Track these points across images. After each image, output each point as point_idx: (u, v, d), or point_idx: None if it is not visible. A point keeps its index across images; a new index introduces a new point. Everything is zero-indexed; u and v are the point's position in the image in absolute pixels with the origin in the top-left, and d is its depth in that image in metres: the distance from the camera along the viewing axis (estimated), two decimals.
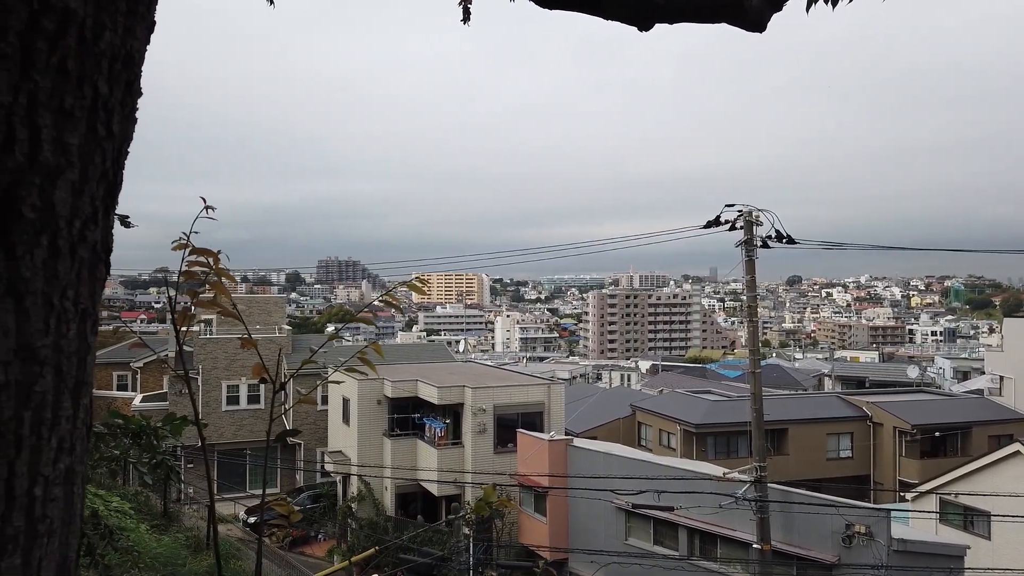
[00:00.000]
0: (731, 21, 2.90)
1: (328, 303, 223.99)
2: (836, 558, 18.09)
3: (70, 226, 1.00)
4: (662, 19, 2.78)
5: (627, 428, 40.17)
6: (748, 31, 3.01)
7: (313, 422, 37.47)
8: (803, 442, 36.67)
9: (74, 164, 0.99)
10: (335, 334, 6.38)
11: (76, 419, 1.05)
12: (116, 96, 1.07)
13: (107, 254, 1.12)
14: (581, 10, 2.71)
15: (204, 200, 1.76)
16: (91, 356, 1.08)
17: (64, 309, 1.00)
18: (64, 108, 0.97)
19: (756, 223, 19.39)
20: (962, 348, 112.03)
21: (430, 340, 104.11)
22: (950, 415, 38.19)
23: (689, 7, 2.74)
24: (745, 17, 2.89)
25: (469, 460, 28.08)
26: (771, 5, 2.98)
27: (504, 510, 2.82)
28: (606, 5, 2.68)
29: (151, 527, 13.44)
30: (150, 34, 1.16)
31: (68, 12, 0.96)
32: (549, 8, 2.66)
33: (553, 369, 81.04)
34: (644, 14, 2.72)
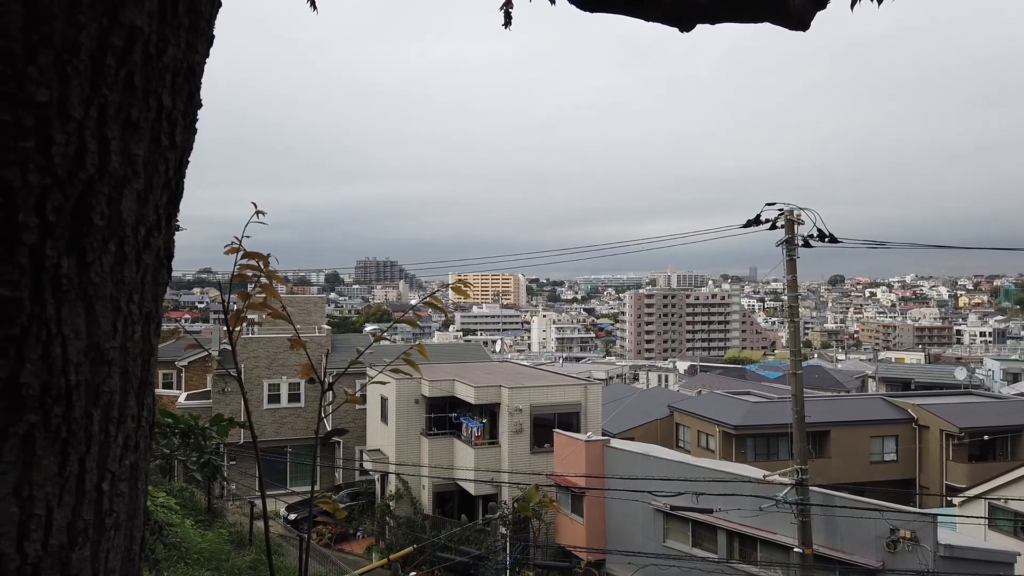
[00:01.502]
0: (774, 20, 2.87)
1: (366, 303, 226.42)
2: (880, 563, 17.72)
3: (136, 233, 1.04)
4: (704, 19, 2.76)
5: (665, 429, 39.87)
6: (792, 30, 2.99)
7: (352, 421, 37.91)
8: (846, 445, 35.97)
9: (139, 174, 1.04)
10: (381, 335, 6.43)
11: (141, 418, 1.09)
12: (179, 108, 1.11)
13: (169, 260, 1.17)
14: (623, 12, 2.71)
15: (255, 205, 1.81)
16: (154, 358, 1.13)
17: (130, 312, 1.04)
18: (131, 120, 1.01)
19: (797, 222, 19.09)
20: (1012, 349, 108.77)
21: (467, 340, 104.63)
22: (1000, 418, 37.10)
23: (732, 7, 2.73)
24: (789, 16, 2.86)
25: (506, 460, 28.14)
26: (814, 3, 2.94)
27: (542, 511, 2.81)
28: (648, 6, 2.68)
29: (196, 522, 13.76)
30: (210, 47, 1.20)
31: (135, 29, 1.00)
32: (591, 11, 2.67)
33: (589, 369, 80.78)
34: (686, 14, 2.71)
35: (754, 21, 2.85)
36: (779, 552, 19.37)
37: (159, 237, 1.11)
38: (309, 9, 2.57)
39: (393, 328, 19.60)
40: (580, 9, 2.64)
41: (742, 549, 20.64)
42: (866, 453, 36.67)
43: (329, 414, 1.89)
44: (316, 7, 3.06)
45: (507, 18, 2.48)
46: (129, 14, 0.99)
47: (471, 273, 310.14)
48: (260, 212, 1.82)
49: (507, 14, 2.47)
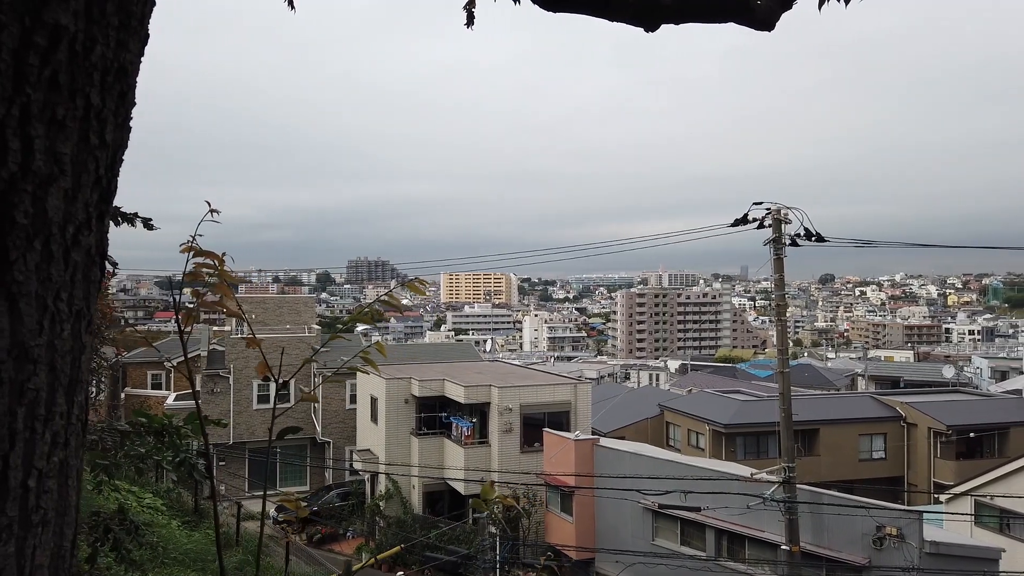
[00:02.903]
0: (740, 21, 2.90)
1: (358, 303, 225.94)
2: (866, 560, 17.82)
3: (63, 231, 1.05)
4: (668, 19, 2.78)
5: (655, 428, 39.94)
6: (757, 30, 3.01)
7: (342, 421, 37.86)
8: (835, 443, 36.14)
9: (67, 172, 1.04)
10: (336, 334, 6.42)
11: (71, 415, 1.10)
12: (109, 106, 1.11)
13: (102, 258, 1.17)
14: (588, 12, 2.73)
15: (209, 204, 1.81)
16: (86, 355, 1.13)
17: (58, 310, 1.05)
18: (56, 119, 1.02)
19: (784, 221, 19.16)
20: (1000, 347, 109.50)
21: (458, 340, 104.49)
22: (987, 416, 37.37)
23: (696, 7, 2.75)
24: (753, 17, 2.88)
25: (496, 459, 28.15)
26: (781, 4, 2.96)
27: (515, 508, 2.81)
28: (613, 6, 2.69)
29: (182, 523, 13.71)
30: (144, 47, 1.21)
31: (59, 28, 1.01)
32: (554, 11, 2.68)
33: (581, 369, 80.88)
34: (650, 15, 2.72)
35: (719, 21, 2.87)
36: (767, 550, 19.46)
37: (90, 235, 1.11)
38: (312, 13, 2.57)
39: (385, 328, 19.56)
40: (543, 9, 2.66)
41: (730, 547, 20.72)
42: (855, 451, 36.85)
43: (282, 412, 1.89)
44: (294, 6, 3.06)
45: (469, 18, 2.49)
46: (53, 13, 1.00)
47: (463, 273, 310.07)
48: (214, 211, 1.82)
49: (470, 14, 2.48)
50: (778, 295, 18.91)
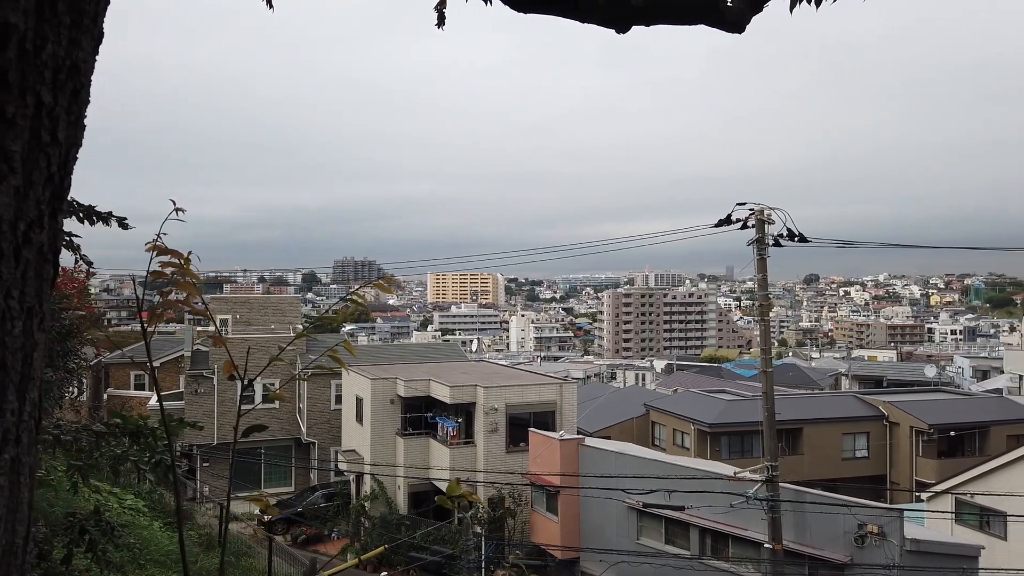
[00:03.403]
0: (710, 23, 2.93)
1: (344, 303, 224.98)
2: (848, 558, 17.98)
3: (14, 229, 1.05)
4: (639, 21, 2.80)
5: (641, 427, 40.08)
6: (728, 32, 3.04)
7: (327, 421, 37.72)
8: (818, 442, 36.42)
9: (17, 170, 1.05)
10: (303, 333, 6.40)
11: (22, 412, 1.10)
12: (61, 104, 1.12)
13: (55, 255, 1.17)
14: (558, 13, 2.74)
15: (174, 202, 1.81)
16: (39, 352, 1.14)
17: (8, 308, 1.05)
18: (5, 117, 1.02)
19: (768, 221, 19.29)
20: (982, 347, 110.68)
21: (445, 340, 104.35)
22: (968, 415, 37.78)
23: (665, 9, 2.77)
24: (723, 19, 2.91)
25: (481, 459, 28.15)
26: (751, 7, 3.00)
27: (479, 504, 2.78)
28: (582, 8, 2.71)
29: (164, 524, 13.63)
30: (98, 45, 1.21)
31: (8, 26, 1.01)
32: (524, 12, 2.70)
33: (567, 368, 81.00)
34: (620, 16, 2.75)
35: (689, 23, 2.89)
36: (750, 548, 19.58)
37: (41, 232, 1.11)
38: (307, 12, 2.58)
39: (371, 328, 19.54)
40: (514, 10, 2.67)
41: (714, 546, 20.83)
42: (838, 450, 37.14)
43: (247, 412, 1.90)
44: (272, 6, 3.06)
45: (440, 19, 2.50)
46: (2, 11, 1.00)
47: (449, 273, 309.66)
48: (179, 209, 1.82)
49: (440, 15, 2.49)
50: (761, 295, 19.02)
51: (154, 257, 1.77)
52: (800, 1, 3.24)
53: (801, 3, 3.26)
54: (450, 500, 2.16)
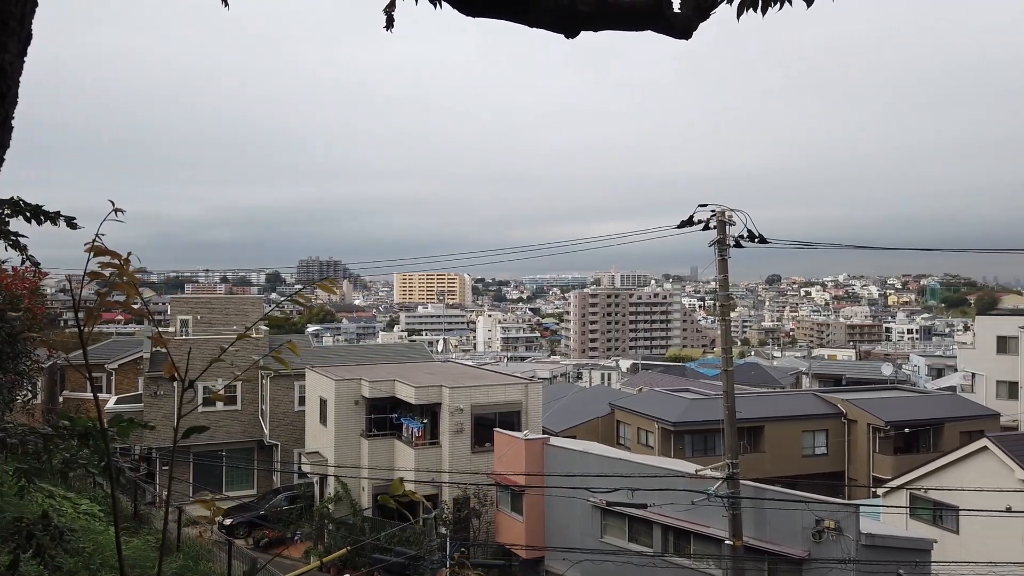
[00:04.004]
0: (657, 29, 2.99)
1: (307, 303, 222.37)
2: (806, 553, 18.34)
3: None
4: (587, 26, 2.85)
5: (606, 427, 40.38)
6: (675, 38, 3.11)
7: (290, 423, 37.32)
8: (779, 439, 37.05)
9: None
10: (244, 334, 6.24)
11: None
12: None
13: None
14: (508, 18, 2.78)
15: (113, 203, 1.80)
16: None
17: None
18: None
19: (729, 223, 19.58)
20: (937, 346, 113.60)
21: (411, 340, 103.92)
22: (922, 412, 38.74)
23: (612, 15, 2.82)
24: (671, 25, 2.97)
25: (446, 459, 28.11)
26: (697, 14, 3.07)
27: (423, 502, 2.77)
28: (531, 12, 2.75)
29: (121, 529, 13.35)
30: (26, 47, 1.20)
31: None
32: (473, 15, 2.73)
33: (534, 368, 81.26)
34: (568, 21, 2.79)
35: (637, 29, 2.95)
36: (712, 545, 19.86)
37: None
38: (272, 8, 2.56)
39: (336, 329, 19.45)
40: (463, 14, 2.70)
41: (676, 543, 21.08)
42: (798, 447, 37.81)
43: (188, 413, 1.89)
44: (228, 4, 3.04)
45: (389, 21, 2.51)
46: None
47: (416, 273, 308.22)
48: (118, 210, 1.81)
49: (389, 17, 2.51)
50: (722, 295, 19.30)
51: (92, 258, 1.76)
52: (747, 8, 3.33)
53: (748, 10, 3.36)
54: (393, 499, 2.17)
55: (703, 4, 3.03)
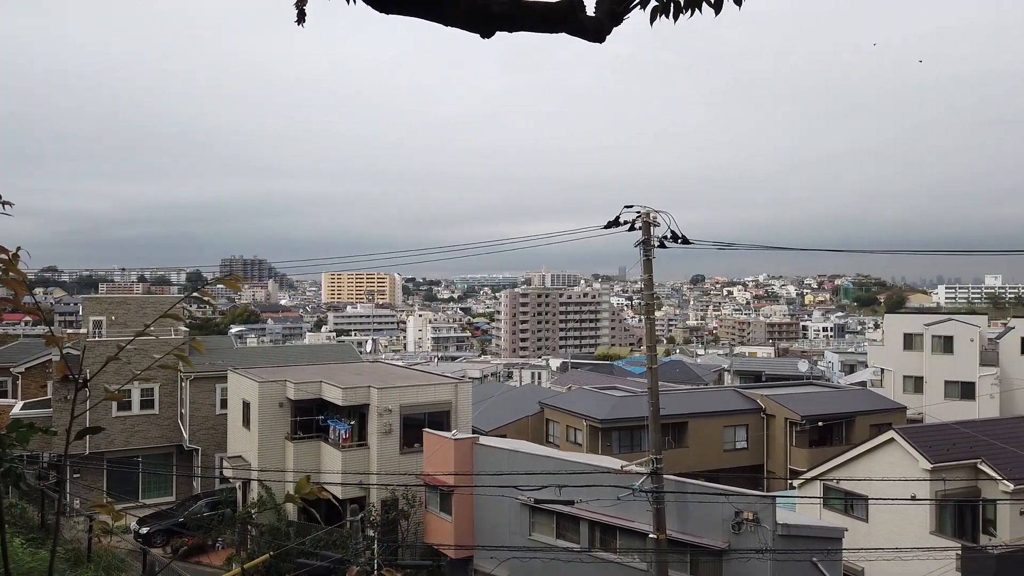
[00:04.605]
0: (570, 31, 3.05)
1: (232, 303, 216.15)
2: (726, 544, 18.93)
3: None
4: (501, 27, 2.88)
5: (536, 425, 40.68)
6: (589, 41, 3.17)
7: (212, 427, 36.18)
8: (702, 435, 38.11)
9: None
10: (141, 332, 6.02)
11: None
12: None
13: None
14: (420, 15, 2.78)
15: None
16: None
17: None
18: None
19: (653, 224, 20.02)
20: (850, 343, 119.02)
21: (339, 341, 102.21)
22: (836, 406, 40.54)
23: (526, 16, 2.86)
24: (584, 28, 3.04)
25: (375, 461, 27.80)
26: (610, 18, 3.14)
27: (331, 499, 2.72)
28: (445, 11, 2.76)
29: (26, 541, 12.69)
30: None
31: None
32: (386, 12, 2.72)
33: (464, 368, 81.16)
34: (482, 21, 2.82)
35: (551, 31, 3.00)
36: (637, 539, 20.27)
37: None
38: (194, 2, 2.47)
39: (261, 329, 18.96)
40: (376, 10, 2.69)
41: (603, 538, 21.43)
42: (720, 442, 39.00)
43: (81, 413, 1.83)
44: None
45: (300, 15, 2.48)
46: None
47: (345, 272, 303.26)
48: (6, 203, 1.73)
49: (301, 11, 2.48)
50: (647, 295, 19.72)
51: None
52: (660, 15, 3.43)
53: (660, 16, 3.46)
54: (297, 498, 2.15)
55: (616, 9, 3.10)
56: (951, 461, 24.29)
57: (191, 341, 3.85)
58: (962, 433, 25.98)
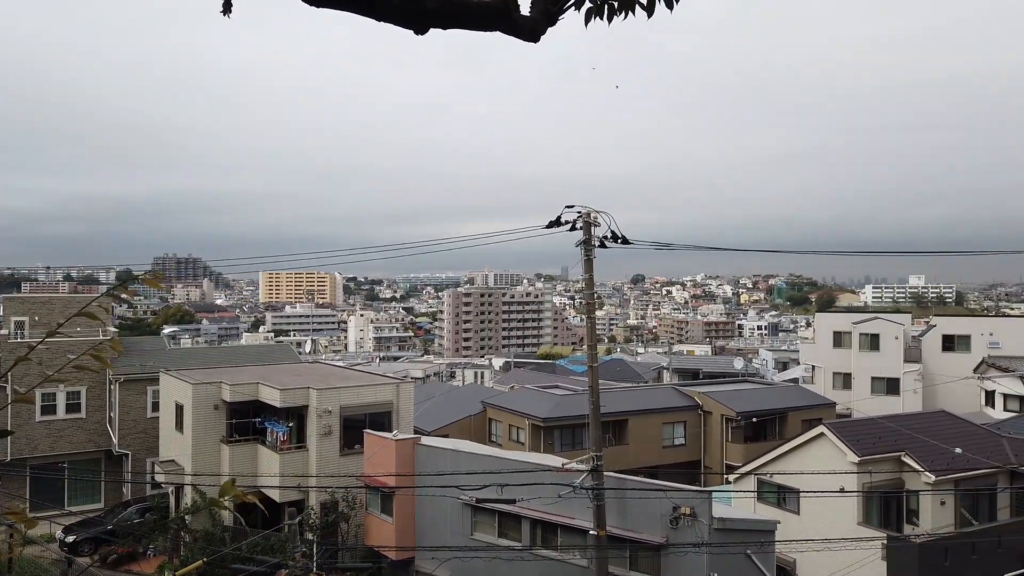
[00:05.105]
0: (505, 30, 3.05)
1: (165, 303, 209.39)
2: (664, 539, 19.29)
3: None
4: (435, 24, 2.87)
5: (478, 425, 40.66)
6: (524, 40, 3.18)
7: (143, 431, 34.99)
8: (641, 432, 38.73)
9: None
10: (54, 332, 5.81)
11: None
12: None
13: None
14: (352, 10, 2.74)
15: None
16: None
17: None
18: None
19: (594, 224, 20.24)
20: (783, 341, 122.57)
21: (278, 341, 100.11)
22: (769, 402, 41.73)
23: (460, 14, 2.85)
24: (519, 28, 3.04)
25: (314, 463, 27.34)
26: (545, 19, 3.16)
27: (254, 501, 2.64)
28: (378, 7, 2.73)
29: None
30: None
31: None
32: (317, 6, 2.68)
33: (407, 368, 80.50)
34: (416, 17, 2.80)
35: (485, 29, 3.00)
36: (578, 536, 20.47)
37: None
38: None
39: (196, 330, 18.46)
40: (308, 4, 2.64)
41: (544, 536, 21.56)
42: (659, 438, 39.71)
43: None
44: None
45: (226, 5, 2.42)
46: None
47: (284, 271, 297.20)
48: None
49: (226, 2, 2.41)
50: (587, 294, 19.92)
51: None
52: (594, 16, 3.47)
53: (595, 18, 3.49)
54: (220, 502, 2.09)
55: (551, 9, 3.12)
56: (877, 454, 25.27)
57: (109, 341, 3.65)
58: (887, 427, 27.05)
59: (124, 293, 2.04)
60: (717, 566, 18.82)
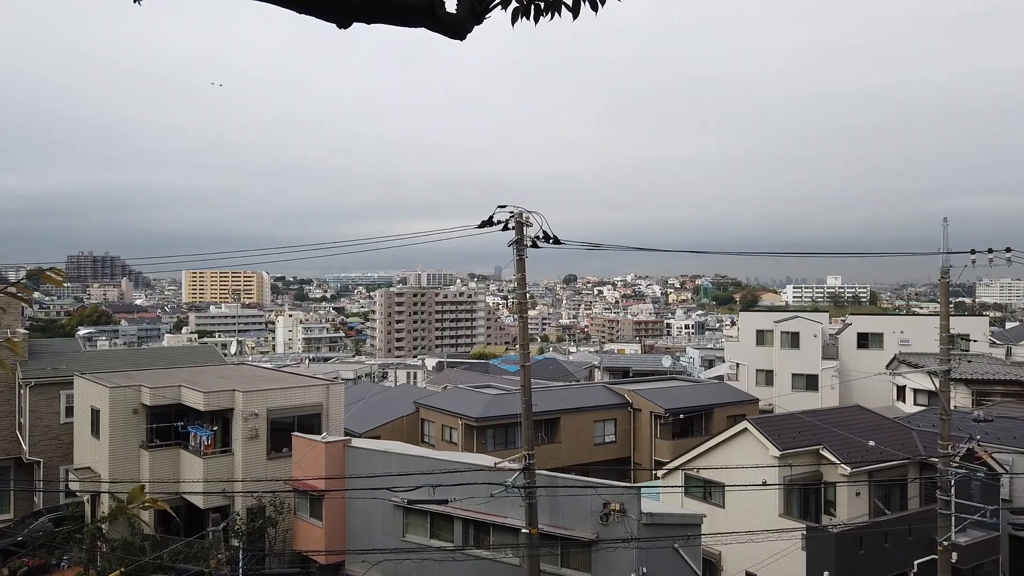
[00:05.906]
0: (429, 27, 3.03)
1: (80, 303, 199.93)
2: (595, 535, 19.55)
3: None
4: (359, 18, 2.83)
5: (411, 425, 40.34)
6: (449, 38, 3.17)
7: (55, 437, 33.33)
8: (574, 430, 39.16)
9: None
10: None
11: None
12: None
13: None
14: (275, 2, 2.68)
15: None
16: None
17: None
18: None
19: (526, 224, 20.33)
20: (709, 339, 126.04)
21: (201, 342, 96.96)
22: (696, 399, 42.80)
23: (384, 8, 2.82)
24: (443, 24, 3.03)
25: (239, 468, 26.58)
26: (472, 17, 3.15)
27: (151, 508, 2.55)
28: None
29: None
30: None
31: None
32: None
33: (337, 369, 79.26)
34: (338, 11, 2.75)
35: (409, 25, 2.97)
36: (510, 534, 20.54)
37: None
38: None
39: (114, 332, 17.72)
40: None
41: (476, 535, 21.56)
42: (591, 436, 40.22)
43: None
44: None
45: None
46: None
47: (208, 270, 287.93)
48: None
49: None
50: (519, 294, 20.00)
51: None
52: (521, 16, 3.48)
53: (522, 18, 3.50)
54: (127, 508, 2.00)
55: (477, 8, 3.12)
56: (797, 448, 26.23)
57: (6, 342, 3.41)
58: (806, 422, 28.12)
59: (20, 291, 1.93)
60: (646, 560, 19.19)
